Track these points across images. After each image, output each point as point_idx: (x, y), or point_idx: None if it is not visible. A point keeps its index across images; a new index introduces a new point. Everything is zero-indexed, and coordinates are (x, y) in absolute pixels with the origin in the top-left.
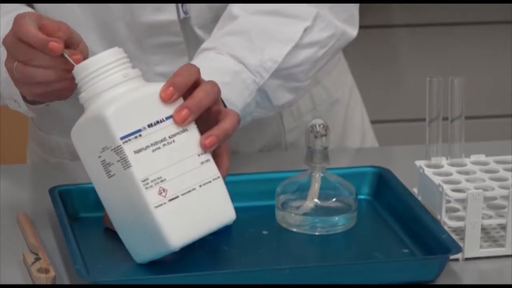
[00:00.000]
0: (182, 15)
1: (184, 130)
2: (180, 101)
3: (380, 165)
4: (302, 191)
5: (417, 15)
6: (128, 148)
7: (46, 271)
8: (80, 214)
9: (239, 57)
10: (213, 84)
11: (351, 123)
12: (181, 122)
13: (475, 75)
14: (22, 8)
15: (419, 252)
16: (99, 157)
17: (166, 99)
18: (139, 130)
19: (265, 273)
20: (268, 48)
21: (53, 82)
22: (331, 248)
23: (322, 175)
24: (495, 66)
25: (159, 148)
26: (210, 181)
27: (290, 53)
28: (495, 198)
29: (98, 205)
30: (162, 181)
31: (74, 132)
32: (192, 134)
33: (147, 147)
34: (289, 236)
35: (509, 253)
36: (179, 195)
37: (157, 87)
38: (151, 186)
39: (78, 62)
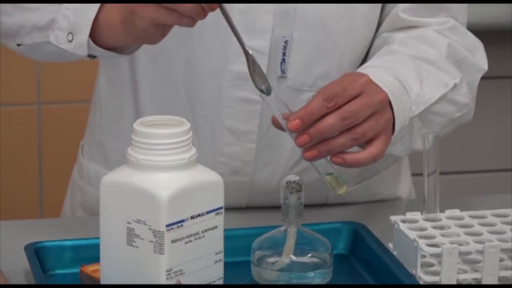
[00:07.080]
0: (279, 73)
1: (214, 228)
2: None
3: (356, 220)
4: (278, 246)
5: None
6: (168, 237)
7: None
8: (55, 270)
9: (402, 81)
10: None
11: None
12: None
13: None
14: None
15: None
16: (128, 223)
17: (291, 129)
18: (183, 221)
19: None
20: (426, 84)
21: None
22: None
23: (297, 230)
24: (471, 122)
25: (190, 241)
26: (214, 281)
27: (439, 100)
28: (470, 253)
29: (73, 261)
30: (181, 274)
31: (107, 185)
32: (219, 232)
33: (183, 238)
34: None
35: None
36: None
37: (210, 176)
38: (171, 277)
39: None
